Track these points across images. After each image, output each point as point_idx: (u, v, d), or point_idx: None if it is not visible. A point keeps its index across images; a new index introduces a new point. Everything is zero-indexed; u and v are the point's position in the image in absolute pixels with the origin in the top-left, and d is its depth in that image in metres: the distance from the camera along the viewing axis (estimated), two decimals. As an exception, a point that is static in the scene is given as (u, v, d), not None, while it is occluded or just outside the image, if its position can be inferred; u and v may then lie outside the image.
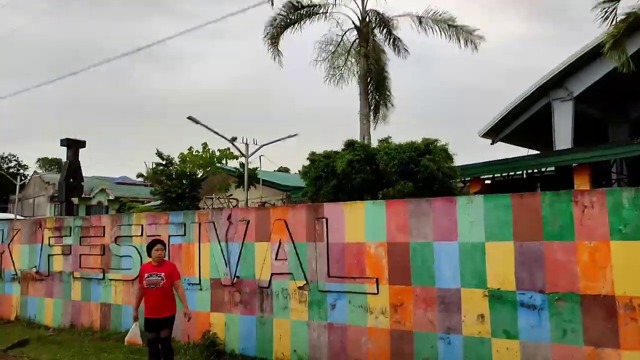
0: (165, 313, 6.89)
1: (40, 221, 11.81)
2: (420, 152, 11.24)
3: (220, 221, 8.88)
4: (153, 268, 6.97)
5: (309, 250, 7.85)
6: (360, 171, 11.33)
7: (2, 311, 12.19)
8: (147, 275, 6.89)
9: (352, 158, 11.35)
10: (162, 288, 6.88)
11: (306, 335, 7.76)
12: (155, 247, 7.02)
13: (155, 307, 6.83)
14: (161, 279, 6.87)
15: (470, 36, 16.63)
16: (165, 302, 6.90)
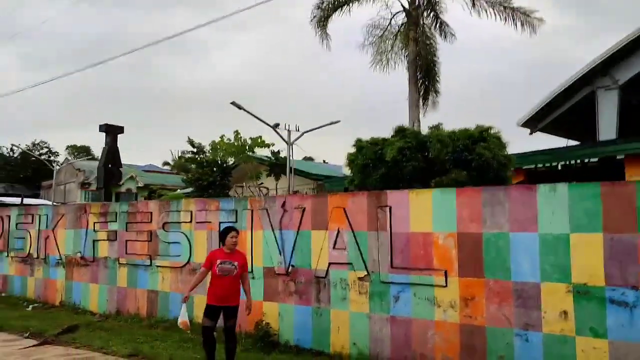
0: (233, 302, 6.71)
1: (85, 206, 11.71)
2: (474, 139, 10.76)
3: (274, 208, 8.60)
4: (226, 255, 6.76)
5: (370, 240, 7.52)
6: (411, 159, 10.92)
7: (46, 295, 12.17)
8: (220, 262, 6.68)
9: (402, 145, 10.94)
10: (234, 277, 6.69)
11: (367, 328, 7.45)
12: (231, 234, 6.82)
13: (224, 296, 6.64)
14: (234, 268, 6.66)
15: (528, 18, 15.95)
16: (235, 291, 6.72)
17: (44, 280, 12.31)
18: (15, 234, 13.13)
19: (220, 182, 29.75)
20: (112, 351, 7.76)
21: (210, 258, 6.87)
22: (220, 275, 6.67)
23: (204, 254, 9.40)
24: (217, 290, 6.69)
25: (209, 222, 9.40)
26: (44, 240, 12.39)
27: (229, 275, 6.67)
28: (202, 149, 30.38)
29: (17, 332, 9.23)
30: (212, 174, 29.48)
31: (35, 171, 51.38)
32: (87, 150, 65.65)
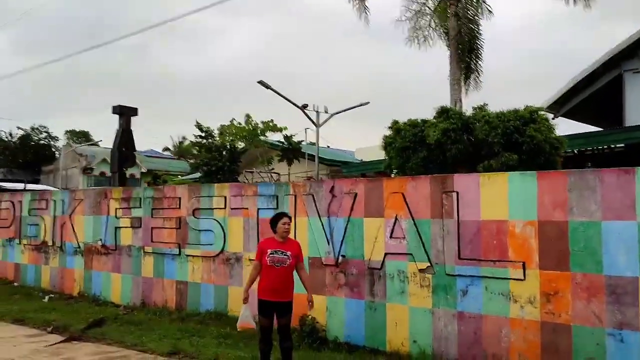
0: (287, 297, 6.00)
1: (106, 191, 10.98)
2: (524, 121, 10.07)
3: (321, 193, 7.90)
4: (278, 244, 6.04)
5: (434, 229, 6.85)
6: (457, 141, 10.25)
7: (64, 285, 11.49)
8: (271, 252, 5.96)
9: (447, 127, 10.25)
10: (288, 268, 5.97)
11: (429, 325, 6.80)
12: (282, 220, 6.08)
13: (278, 290, 5.93)
14: (287, 258, 5.95)
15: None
16: (289, 284, 6.02)
17: (60, 270, 11.62)
18: (28, 220, 12.41)
19: (229, 168, 29.07)
20: (148, 349, 7.10)
21: (261, 248, 6.15)
22: (272, 267, 5.98)
23: (239, 243, 8.75)
24: (268, 283, 5.98)
25: (246, 209, 8.71)
26: (59, 227, 11.68)
27: (282, 267, 5.97)
28: (210, 133, 29.62)
29: (39, 326, 8.56)
30: (221, 159, 28.78)
31: (35, 156, 50.44)
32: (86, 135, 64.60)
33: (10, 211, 12.84)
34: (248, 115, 26.93)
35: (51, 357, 6.74)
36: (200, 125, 29.50)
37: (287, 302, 5.99)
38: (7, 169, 49.30)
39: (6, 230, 12.91)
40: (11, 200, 12.93)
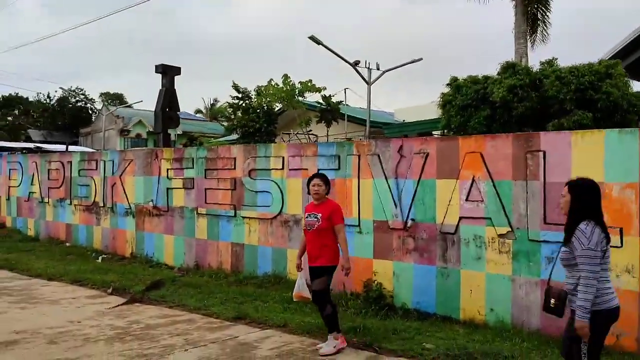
0: (317, 262, 5.65)
1: (157, 151, 10.75)
2: (600, 76, 9.32)
3: (388, 153, 7.45)
4: (313, 207, 5.80)
5: (516, 191, 6.35)
6: (524, 99, 9.59)
7: (115, 246, 11.46)
8: (307, 215, 5.76)
9: (514, 83, 9.59)
10: (317, 231, 5.62)
11: (508, 292, 6.39)
12: (312, 182, 5.77)
13: (310, 254, 5.70)
14: (317, 221, 5.62)
15: None
16: (321, 248, 5.63)
17: (111, 230, 11.57)
18: (78, 180, 12.34)
19: (266, 129, 28.74)
20: (213, 313, 6.90)
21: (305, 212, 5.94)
22: (305, 230, 5.80)
23: (298, 205, 8.42)
24: (306, 248, 5.82)
25: (305, 169, 8.33)
26: (110, 188, 11.57)
27: (311, 230, 5.67)
28: (247, 94, 29.20)
29: (98, 287, 8.49)
30: (259, 121, 28.45)
31: (72, 118, 51.02)
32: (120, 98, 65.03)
33: (60, 172, 12.80)
34: (286, 75, 26.31)
35: (117, 319, 6.60)
36: (237, 86, 29.05)
37: (317, 267, 5.66)
38: (46, 131, 50.09)
39: (56, 190, 12.91)
40: (60, 161, 12.88)
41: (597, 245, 3.58)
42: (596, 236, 3.59)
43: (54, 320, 6.45)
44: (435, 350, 5.35)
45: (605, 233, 3.65)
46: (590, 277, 3.54)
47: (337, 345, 5.49)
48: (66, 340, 5.66)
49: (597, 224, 3.64)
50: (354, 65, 20.01)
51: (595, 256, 3.56)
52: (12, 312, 6.86)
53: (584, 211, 3.72)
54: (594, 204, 3.74)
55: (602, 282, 3.62)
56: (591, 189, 3.79)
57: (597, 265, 3.56)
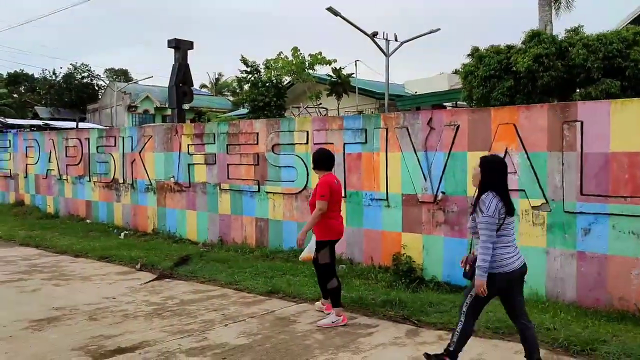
0: (315, 236, 5.78)
1: (177, 127, 10.68)
2: (628, 43, 9.12)
3: (417, 126, 7.36)
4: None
5: (551, 162, 6.27)
6: (550, 68, 9.41)
7: (137, 222, 11.49)
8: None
9: (539, 52, 9.39)
10: (311, 206, 5.81)
11: (543, 265, 6.37)
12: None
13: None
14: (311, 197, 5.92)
15: None
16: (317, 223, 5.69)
17: (132, 207, 11.59)
18: (97, 157, 12.32)
19: (276, 103, 28.55)
20: (245, 287, 6.93)
21: None
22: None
23: (324, 179, 8.35)
24: None
25: (331, 144, 8.25)
26: (129, 164, 11.55)
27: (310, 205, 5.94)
28: (256, 68, 28.94)
29: (126, 263, 8.54)
30: (268, 94, 28.24)
31: (78, 95, 50.77)
32: (125, 73, 64.61)
33: (77, 148, 12.78)
34: (295, 48, 26.01)
35: (151, 295, 6.64)
36: (245, 60, 28.79)
37: (316, 240, 5.76)
38: (53, 108, 49.95)
39: (75, 167, 12.91)
40: (78, 138, 12.84)
41: (495, 213, 3.97)
42: (494, 206, 3.98)
43: (89, 297, 6.49)
44: (475, 322, 5.34)
45: (506, 204, 4.04)
46: (487, 241, 3.97)
47: (336, 321, 5.53)
48: (106, 317, 5.70)
49: (497, 195, 4.05)
50: (371, 36, 19.64)
51: (492, 223, 3.96)
52: (46, 288, 6.92)
53: (489, 184, 4.12)
54: (498, 178, 4.15)
55: (501, 247, 4.03)
56: (498, 164, 4.24)
57: (493, 231, 3.96)
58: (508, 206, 4.06)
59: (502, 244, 4.04)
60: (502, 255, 4.03)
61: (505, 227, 4.05)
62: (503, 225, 4.02)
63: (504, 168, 4.23)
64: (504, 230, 4.05)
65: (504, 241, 4.05)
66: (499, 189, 4.09)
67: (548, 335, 5.02)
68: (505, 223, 4.04)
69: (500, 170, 4.19)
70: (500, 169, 4.20)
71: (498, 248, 4.01)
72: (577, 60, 9.22)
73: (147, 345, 4.86)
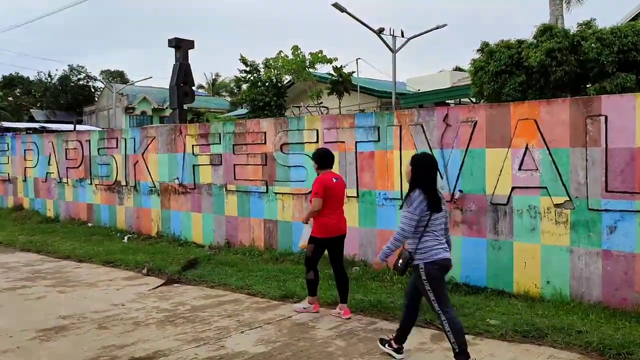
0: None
1: (181, 127, 10.44)
2: (643, 36, 8.93)
3: (432, 123, 7.14)
4: None
5: (574, 158, 6.07)
6: (562, 62, 9.21)
7: (140, 225, 11.25)
8: None
9: (552, 47, 9.19)
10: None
11: (567, 264, 6.16)
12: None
13: None
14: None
15: None
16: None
17: (135, 210, 11.35)
18: (98, 159, 12.07)
19: (276, 103, 28.31)
20: (257, 292, 6.71)
21: None
22: None
23: (335, 179, 8.14)
24: None
25: (342, 142, 8.05)
26: (132, 166, 11.30)
27: None
28: (255, 67, 28.69)
29: (131, 268, 8.30)
30: (268, 94, 27.99)
31: (75, 97, 50.42)
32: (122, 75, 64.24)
33: (78, 151, 12.52)
34: (295, 46, 25.74)
35: (160, 301, 6.41)
36: (245, 59, 28.52)
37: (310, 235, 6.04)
38: (49, 111, 49.59)
39: (75, 170, 12.65)
40: (78, 140, 12.58)
41: (416, 209, 4.23)
42: (417, 202, 4.24)
43: (97, 304, 6.26)
44: (502, 326, 5.15)
45: (431, 201, 4.26)
46: (402, 232, 4.30)
47: (308, 308, 5.91)
48: (116, 325, 5.46)
49: (423, 192, 4.27)
50: (378, 32, 19.33)
51: (411, 219, 4.25)
52: (51, 296, 6.68)
53: (418, 181, 4.34)
54: (426, 175, 4.35)
55: (430, 240, 4.30)
56: (427, 163, 4.44)
57: (412, 226, 4.26)
58: (433, 203, 4.27)
59: (431, 237, 4.30)
60: (431, 247, 4.29)
61: (433, 223, 4.31)
62: (430, 220, 4.28)
63: (433, 166, 4.45)
64: (431, 225, 4.30)
65: (431, 235, 4.31)
66: (427, 186, 4.30)
67: (580, 338, 4.82)
68: (432, 219, 4.29)
69: (429, 169, 4.40)
70: (429, 167, 4.41)
71: (427, 240, 4.29)
72: (591, 54, 9.03)
73: (162, 355, 4.64)
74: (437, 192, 4.36)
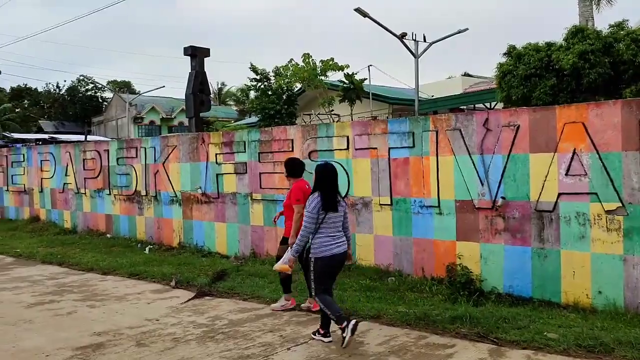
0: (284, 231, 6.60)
1: (203, 136, 10.24)
2: (679, 37, 8.69)
3: (471, 128, 6.91)
4: None
5: (627, 163, 5.82)
6: (596, 64, 8.97)
7: (161, 236, 11.03)
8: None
9: (584, 49, 8.95)
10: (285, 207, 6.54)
11: (620, 273, 5.90)
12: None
13: None
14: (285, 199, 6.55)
15: None
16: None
17: (156, 220, 11.13)
18: (117, 169, 11.88)
19: (287, 111, 28.17)
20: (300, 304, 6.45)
21: None
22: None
23: (366, 186, 7.96)
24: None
25: (374, 149, 7.82)
26: (152, 176, 11.10)
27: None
28: (266, 75, 28.58)
29: (158, 280, 8.06)
30: (278, 102, 27.86)
31: (83, 108, 50.47)
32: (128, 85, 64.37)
33: (96, 161, 12.34)
34: (306, 54, 25.62)
35: (196, 315, 6.17)
36: (255, 67, 28.42)
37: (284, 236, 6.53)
38: (58, 122, 49.64)
39: (94, 180, 12.47)
40: (96, 150, 12.41)
41: (314, 209, 4.96)
42: (314, 203, 4.98)
43: (130, 319, 6.02)
44: (562, 340, 4.88)
45: (326, 202, 4.99)
46: (305, 230, 5.01)
47: (285, 305, 6.37)
48: (154, 342, 5.22)
49: (320, 194, 5.01)
50: (400, 37, 19.08)
51: (310, 217, 4.97)
52: (82, 311, 6.44)
53: (317, 186, 5.10)
54: (325, 181, 5.08)
55: (322, 237, 5.01)
56: (327, 171, 5.13)
57: (312, 223, 4.97)
58: (328, 204, 4.98)
59: (323, 235, 5.00)
60: (323, 243, 5.00)
61: (326, 222, 5.00)
62: (324, 219, 4.98)
63: (332, 174, 5.13)
64: (325, 224, 4.99)
65: (324, 232, 5.01)
66: (325, 190, 5.03)
67: (651, 354, 4.53)
68: (326, 218, 4.99)
69: (328, 176, 5.11)
70: (328, 174, 5.11)
71: (320, 237, 5.00)
72: (625, 55, 8.79)
73: (209, 375, 4.39)
74: (335, 195, 5.09)
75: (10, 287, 7.84)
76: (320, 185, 5.06)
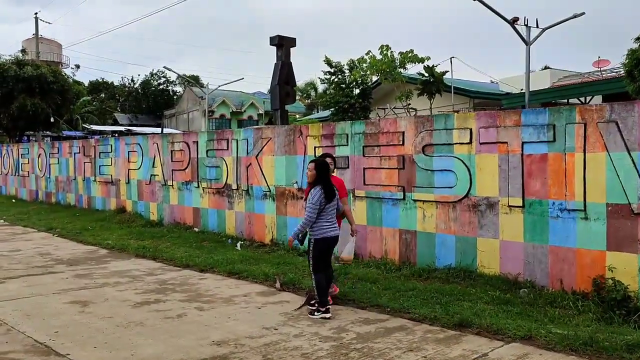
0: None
1: (301, 128, 9.68)
2: None
3: (632, 120, 5.92)
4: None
5: None
6: None
7: (252, 232, 10.58)
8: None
9: None
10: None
11: None
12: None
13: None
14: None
15: None
16: None
17: (247, 215, 10.69)
18: (207, 161, 11.55)
19: (361, 105, 27.44)
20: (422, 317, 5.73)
21: None
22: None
23: (493, 185, 7.10)
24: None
25: (503, 143, 6.95)
26: (244, 169, 10.67)
27: None
28: (340, 68, 27.94)
29: (261, 281, 7.56)
30: (353, 96, 27.18)
31: (155, 101, 51.70)
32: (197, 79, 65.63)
33: (184, 153, 12.07)
34: (384, 46, 24.68)
35: (316, 325, 5.57)
36: (329, 60, 27.81)
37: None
38: (132, 114, 51.11)
39: (181, 172, 12.22)
40: (185, 141, 12.14)
41: (317, 201, 5.83)
42: (317, 196, 5.83)
43: (247, 327, 5.50)
44: None
45: (326, 194, 5.87)
46: (307, 218, 5.89)
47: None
48: (283, 357, 4.64)
49: (322, 188, 5.86)
50: (511, 22, 17.76)
51: (313, 208, 5.85)
52: (191, 314, 5.99)
53: (318, 180, 5.91)
54: (324, 176, 5.96)
55: (320, 222, 5.91)
56: (326, 166, 6.05)
57: (314, 213, 5.85)
58: (328, 196, 5.87)
59: (323, 221, 5.90)
60: (323, 226, 5.91)
61: (326, 210, 5.91)
62: (324, 208, 5.88)
63: (328, 169, 6.06)
64: (325, 212, 5.90)
65: (324, 218, 5.91)
66: (325, 183, 5.90)
67: None
68: (326, 207, 5.90)
69: (326, 171, 6.01)
70: (326, 169, 6.03)
71: (321, 222, 5.90)
72: None
73: (360, 405, 3.74)
74: (333, 187, 5.97)
75: (112, 282, 7.56)
76: (321, 179, 5.90)
